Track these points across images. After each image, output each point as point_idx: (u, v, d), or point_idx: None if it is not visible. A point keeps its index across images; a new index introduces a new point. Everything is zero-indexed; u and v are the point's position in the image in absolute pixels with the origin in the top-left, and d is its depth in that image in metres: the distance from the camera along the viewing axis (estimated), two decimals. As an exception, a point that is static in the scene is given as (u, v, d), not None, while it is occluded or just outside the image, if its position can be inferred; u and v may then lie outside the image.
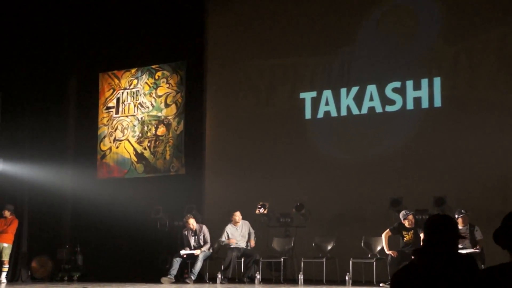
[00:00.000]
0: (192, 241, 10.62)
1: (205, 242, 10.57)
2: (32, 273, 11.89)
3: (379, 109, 11.08)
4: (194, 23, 12.71)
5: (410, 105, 10.83)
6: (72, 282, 11.59)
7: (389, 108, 11.01)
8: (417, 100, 10.77)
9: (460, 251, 8.94)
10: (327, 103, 11.49)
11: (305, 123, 11.68)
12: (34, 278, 11.86)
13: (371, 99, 11.13)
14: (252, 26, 12.36)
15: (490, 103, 10.24)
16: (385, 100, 11.03)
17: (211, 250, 10.58)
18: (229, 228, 10.61)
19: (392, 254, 9.26)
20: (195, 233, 10.64)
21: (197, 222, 10.73)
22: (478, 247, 8.87)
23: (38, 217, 12.48)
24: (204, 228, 10.66)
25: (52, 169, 12.47)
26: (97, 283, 10.29)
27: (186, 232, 10.70)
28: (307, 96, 11.68)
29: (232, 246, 10.37)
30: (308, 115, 11.63)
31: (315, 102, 11.59)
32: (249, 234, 10.63)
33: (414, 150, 10.71)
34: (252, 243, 10.52)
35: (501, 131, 10.08)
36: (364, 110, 11.17)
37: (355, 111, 11.24)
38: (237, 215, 10.65)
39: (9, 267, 11.28)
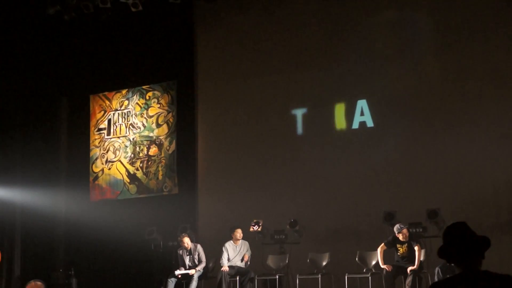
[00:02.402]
0: (187, 261, 10.56)
1: (199, 261, 10.51)
2: (26, 297, 11.77)
3: (370, 124, 11.13)
4: (184, 43, 12.76)
5: (400, 119, 10.89)
6: (67, 306, 11.50)
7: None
8: (408, 114, 10.84)
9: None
10: (318, 119, 11.54)
11: (297, 139, 11.70)
12: (28, 302, 11.73)
13: (362, 113, 11.19)
14: (242, 44, 12.41)
15: (479, 115, 10.31)
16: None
17: (201, 270, 10.46)
18: (229, 246, 10.54)
19: (387, 268, 9.26)
20: (190, 252, 10.58)
21: (191, 241, 10.68)
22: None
23: (31, 241, 12.40)
24: (199, 247, 10.61)
25: (44, 193, 12.41)
26: (92, 306, 10.21)
27: (181, 252, 10.64)
28: (299, 113, 11.71)
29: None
30: (300, 131, 11.66)
31: (307, 118, 11.63)
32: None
33: (407, 163, 10.74)
34: (246, 257, 10.46)
35: (491, 143, 10.13)
36: (356, 125, 11.23)
37: (347, 126, 11.29)
38: (239, 233, 10.54)
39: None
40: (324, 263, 10.28)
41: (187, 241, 10.53)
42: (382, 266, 9.33)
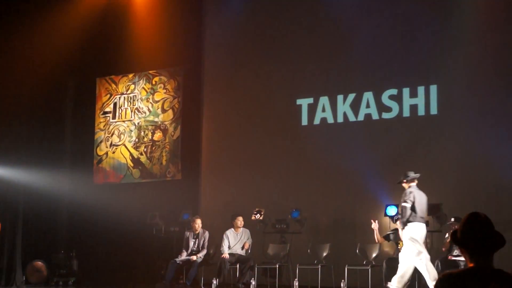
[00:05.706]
0: (192, 244, 10.61)
1: (202, 248, 10.56)
2: (27, 278, 11.85)
3: (375, 116, 11.08)
4: (192, 29, 12.73)
5: (406, 113, 10.84)
6: (67, 287, 11.57)
7: (385, 115, 11.02)
8: (414, 108, 10.79)
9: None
10: (323, 110, 11.50)
11: (301, 129, 11.68)
12: (29, 283, 11.82)
13: (368, 106, 11.14)
14: (250, 33, 12.38)
15: (486, 110, 10.26)
16: (382, 107, 11.04)
17: (201, 257, 10.50)
18: (230, 233, 10.59)
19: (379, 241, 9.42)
20: (196, 236, 10.63)
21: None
22: None
23: (34, 221, 12.46)
24: (207, 233, 10.65)
25: (48, 174, 12.45)
26: (92, 288, 10.27)
27: (188, 234, 10.69)
28: (304, 103, 11.69)
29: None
30: (304, 121, 11.64)
31: (312, 109, 11.60)
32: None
33: (410, 157, 10.71)
34: (247, 245, 10.50)
35: (497, 138, 10.07)
36: (361, 117, 11.19)
37: (351, 118, 11.25)
38: (240, 220, 10.59)
39: (4, 272, 11.26)
40: (324, 254, 10.30)
41: (198, 223, 10.61)
42: (378, 239, 9.44)
